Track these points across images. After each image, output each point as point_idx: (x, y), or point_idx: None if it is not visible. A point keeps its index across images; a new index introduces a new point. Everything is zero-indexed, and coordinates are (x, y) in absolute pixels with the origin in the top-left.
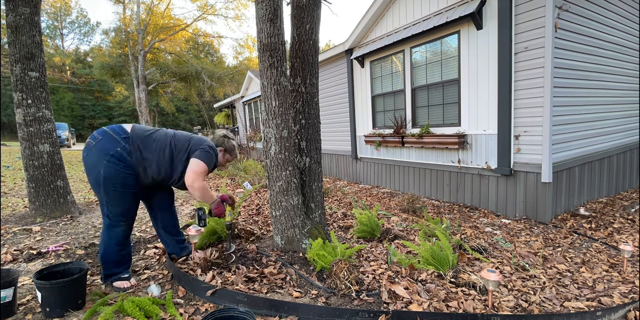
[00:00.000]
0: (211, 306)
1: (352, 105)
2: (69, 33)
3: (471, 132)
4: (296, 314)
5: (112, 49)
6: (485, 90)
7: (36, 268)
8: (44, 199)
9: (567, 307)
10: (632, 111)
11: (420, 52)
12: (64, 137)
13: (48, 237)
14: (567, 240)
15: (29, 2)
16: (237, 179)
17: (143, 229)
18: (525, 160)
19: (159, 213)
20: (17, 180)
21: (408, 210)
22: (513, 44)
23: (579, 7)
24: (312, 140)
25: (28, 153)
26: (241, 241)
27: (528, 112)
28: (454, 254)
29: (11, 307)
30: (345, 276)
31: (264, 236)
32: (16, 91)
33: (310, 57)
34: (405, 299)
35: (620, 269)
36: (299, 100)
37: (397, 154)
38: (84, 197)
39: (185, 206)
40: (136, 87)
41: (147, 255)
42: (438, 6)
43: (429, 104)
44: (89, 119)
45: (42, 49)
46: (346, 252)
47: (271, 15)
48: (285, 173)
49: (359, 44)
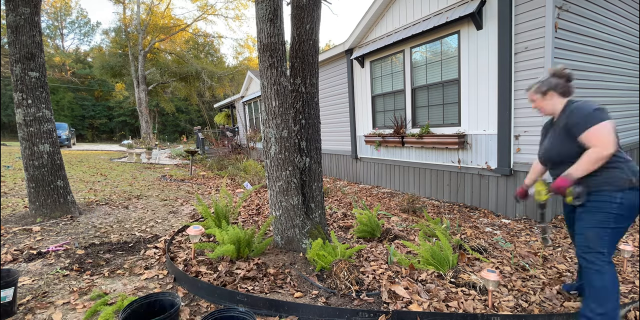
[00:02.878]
0: (212, 306)
1: (352, 105)
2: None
3: (471, 132)
4: (296, 314)
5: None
6: (485, 90)
7: (36, 268)
8: (44, 199)
9: (567, 307)
10: (632, 111)
11: (420, 52)
12: (64, 137)
13: (48, 237)
14: (567, 240)
15: (29, 2)
16: (237, 179)
17: (143, 229)
18: (525, 160)
19: None
20: (17, 180)
21: (408, 210)
22: (513, 44)
23: (579, 7)
24: (312, 140)
25: (28, 153)
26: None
27: (528, 112)
28: (454, 254)
29: (11, 307)
30: (345, 276)
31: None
32: (16, 91)
33: (310, 57)
34: (405, 299)
35: (620, 269)
36: (299, 100)
37: (397, 154)
38: (84, 197)
39: (186, 206)
40: (136, 87)
41: (147, 255)
42: (438, 6)
43: (429, 104)
44: (89, 119)
45: (42, 49)
46: (346, 252)
47: (271, 15)
48: (285, 173)
49: (359, 44)
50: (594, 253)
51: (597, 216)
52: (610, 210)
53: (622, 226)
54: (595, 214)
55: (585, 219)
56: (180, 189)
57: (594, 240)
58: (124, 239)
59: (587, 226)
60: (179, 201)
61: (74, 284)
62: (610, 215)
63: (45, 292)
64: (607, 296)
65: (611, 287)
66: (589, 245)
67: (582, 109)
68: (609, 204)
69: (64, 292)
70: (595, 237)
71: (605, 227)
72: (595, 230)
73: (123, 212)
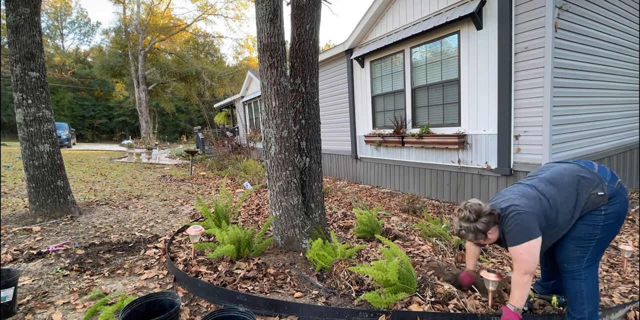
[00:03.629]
0: (212, 306)
1: (352, 105)
2: (69, 33)
3: (471, 132)
4: (296, 313)
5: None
6: (485, 90)
7: (36, 268)
8: (44, 199)
9: None
10: (632, 111)
11: (420, 52)
12: (64, 137)
13: (48, 237)
14: None
15: (29, 2)
16: (237, 179)
17: (143, 229)
18: (525, 160)
19: None
20: (17, 180)
21: (408, 210)
22: (513, 44)
23: (579, 7)
24: (312, 140)
25: (28, 153)
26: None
27: (528, 112)
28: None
29: (11, 307)
30: (345, 276)
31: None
32: (16, 91)
33: (310, 57)
34: (405, 299)
35: (620, 269)
36: (299, 100)
37: (397, 154)
38: (84, 197)
39: (186, 206)
40: (136, 87)
41: (147, 255)
42: (438, 6)
43: (429, 104)
44: (89, 119)
45: (42, 49)
46: (346, 252)
47: (271, 15)
48: (285, 173)
49: (359, 44)
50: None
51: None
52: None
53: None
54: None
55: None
56: (180, 189)
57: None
58: (124, 239)
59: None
60: (179, 201)
61: (74, 284)
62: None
63: (45, 292)
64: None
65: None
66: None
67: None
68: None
69: (64, 292)
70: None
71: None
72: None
73: (123, 212)
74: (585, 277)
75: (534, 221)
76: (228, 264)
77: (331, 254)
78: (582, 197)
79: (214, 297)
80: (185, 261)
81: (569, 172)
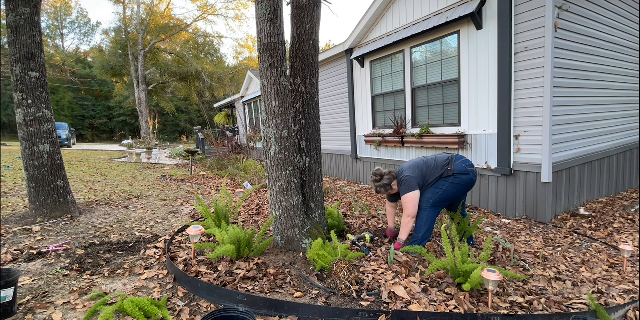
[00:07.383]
0: (212, 306)
1: (352, 105)
2: (69, 33)
3: (471, 132)
4: (296, 313)
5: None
6: (485, 90)
7: (36, 268)
8: (44, 199)
9: (567, 307)
10: (632, 111)
11: (420, 52)
12: (64, 137)
13: (48, 237)
14: (567, 240)
15: (29, 2)
16: (237, 179)
17: (143, 228)
18: (525, 160)
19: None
20: (17, 180)
21: None
22: (513, 44)
23: (579, 7)
24: (312, 140)
25: (28, 153)
26: None
27: (528, 112)
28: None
29: (11, 307)
30: (346, 276)
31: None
32: (16, 91)
33: (310, 57)
34: (405, 299)
35: (620, 268)
36: (299, 100)
37: (397, 154)
38: (84, 197)
39: (186, 206)
40: (136, 87)
41: (147, 255)
42: (438, 6)
43: (429, 104)
44: (89, 119)
45: (42, 49)
46: (346, 252)
47: (271, 15)
48: (285, 173)
49: (359, 44)
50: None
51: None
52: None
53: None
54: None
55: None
56: (180, 189)
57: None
58: (124, 239)
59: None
60: (179, 201)
61: (74, 284)
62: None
63: (46, 292)
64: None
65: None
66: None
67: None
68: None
69: (64, 292)
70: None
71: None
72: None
73: (123, 212)
74: (427, 212)
75: (414, 182)
76: (228, 264)
77: (331, 254)
78: (441, 168)
79: (214, 297)
80: (186, 261)
81: (440, 157)
